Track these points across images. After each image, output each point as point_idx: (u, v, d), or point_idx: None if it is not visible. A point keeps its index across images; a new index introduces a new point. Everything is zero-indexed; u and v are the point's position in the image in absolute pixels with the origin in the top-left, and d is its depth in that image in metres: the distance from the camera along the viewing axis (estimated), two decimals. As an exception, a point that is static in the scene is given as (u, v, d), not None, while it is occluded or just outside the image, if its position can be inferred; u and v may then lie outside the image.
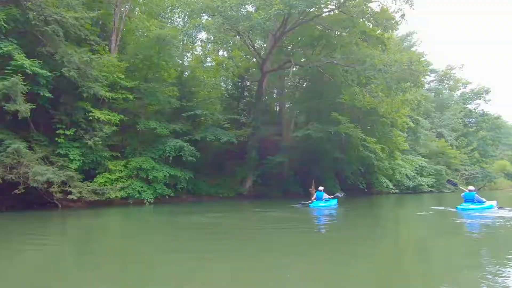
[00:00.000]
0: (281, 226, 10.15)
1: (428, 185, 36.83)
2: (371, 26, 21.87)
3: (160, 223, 12.05)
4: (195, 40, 31.24)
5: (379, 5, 20.78)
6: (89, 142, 14.98)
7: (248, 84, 32.05)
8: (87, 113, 15.49)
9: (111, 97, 16.31)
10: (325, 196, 15.95)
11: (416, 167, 35.44)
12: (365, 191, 27.56)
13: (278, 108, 32.28)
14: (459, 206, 13.34)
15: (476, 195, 13.28)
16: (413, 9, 18.67)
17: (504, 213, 12.54)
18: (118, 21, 19.24)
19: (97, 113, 15.46)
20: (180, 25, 27.61)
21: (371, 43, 21.47)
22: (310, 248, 6.85)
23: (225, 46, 26.66)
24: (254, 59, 29.17)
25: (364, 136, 23.68)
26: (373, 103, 22.53)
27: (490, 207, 13.37)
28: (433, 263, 5.80)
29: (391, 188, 30.00)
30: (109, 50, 18.53)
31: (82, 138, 15.20)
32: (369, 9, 21.23)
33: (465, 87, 55.70)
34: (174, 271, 5.19)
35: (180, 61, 27.97)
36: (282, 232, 8.95)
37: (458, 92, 55.87)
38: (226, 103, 29.12)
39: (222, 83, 33.79)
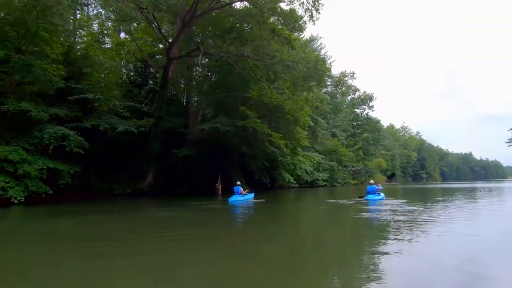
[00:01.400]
0: (178, 230, 8.23)
1: (323, 179, 40.45)
2: (280, 26, 22.53)
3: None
4: (88, 11, 27.28)
5: (287, 5, 21.48)
6: None
7: (152, 71, 29.58)
8: None
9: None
10: (242, 190, 16.15)
11: (314, 163, 38.44)
12: (269, 186, 28.38)
13: (185, 99, 30.67)
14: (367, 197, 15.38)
15: (376, 187, 15.86)
16: (319, 12, 19.76)
17: (394, 202, 14.70)
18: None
19: None
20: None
21: (279, 42, 22.04)
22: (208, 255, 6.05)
23: (126, 25, 23.74)
24: (161, 45, 26.99)
25: (270, 132, 24.23)
26: (280, 100, 23.20)
27: (383, 197, 15.85)
28: (329, 255, 5.66)
29: (293, 183, 31.74)
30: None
31: None
32: (279, 8, 21.80)
33: (354, 93, 63.43)
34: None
35: (72, 38, 23.93)
36: (177, 238, 6.95)
37: (349, 97, 63.26)
38: (127, 90, 26.14)
39: (123, 68, 30.49)
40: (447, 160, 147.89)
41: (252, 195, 17.16)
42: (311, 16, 19.17)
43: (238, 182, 16.71)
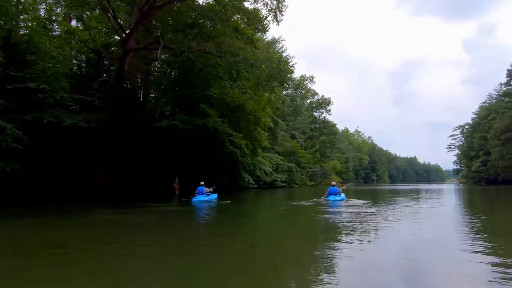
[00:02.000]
0: (131, 236, 7.10)
1: (282, 180, 40.91)
2: (243, 25, 22.29)
3: None
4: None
5: (251, 4, 21.33)
6: None
7: (106, 63, 27.71)
8: None
9: None
10: (206, 190, 15.93)
11: (273, 164, 38.72)
12: (228, 186, 27.95)
13: (142, 94, 29.18)
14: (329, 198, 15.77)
15: (338, 189, 16.35)
16: (283, 14, 19.86)
17: (355, 203, 15.20)
18: None
19: None
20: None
21: (242, 41, 21.78)
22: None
23: (78, 11, 21.95)
24: (117, 37, 25.38)
25: (231, 132, 23.84)
26: (242, 99, 22.93)
27: (344, 198, 16.31)
28: (287, 257, 5.50)
29: (252, 184, 31.59)
30: None
31: None
32: (243, 6, 21.57)
33: (313, 97, 65.26)
34: None
35: (14, 22, 21.52)
36: (130, 246, 5.98)
37: (308, 101, 64.94)
38: (77, 82, 24.13)
39: (73, 59, 28.17)
40: (395, 163, 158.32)
41: (215, 196, 16.94)
42: (275, 16, 19.18)
43: (202, 182, 16.32)
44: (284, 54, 45.83)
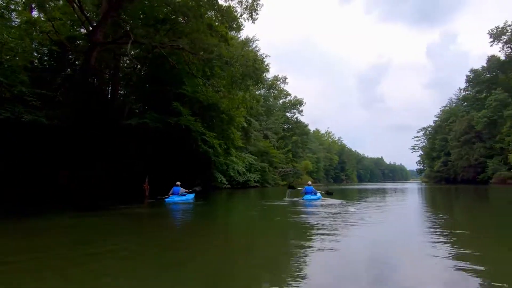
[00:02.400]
0: (94, 243, 6.32)
1: (254, 180, 40.84)
2: (217, 23, 21.92)
3: None
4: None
5: (226, 1, 21.02)
6: None
7: (71, 57, 26.21)
8: None
9: None
10: (182, 190, 15.73)
11: (246, 164, 38.55)
12: (201, 186, 27.32)
13: (110, 91, 27.89)
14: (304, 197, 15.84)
15: (313, 188, 16.42)
16: (258, 13, 19.72)
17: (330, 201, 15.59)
18: None
19: None
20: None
21: (216, 38, 21.39)
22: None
23: (40, 0, 20.52)
24: (83, 30, 24.08)
25: (204, 131, 23.38)
26: (215, 98, 22.52)
27: (319, 197, 16.38)
28: (261, 257, 5.37)
29: (225, 184, 31.21)
30: None
31: None
32: (217, 3, 21.20)
33: (285, 98, 65.87)
34: None
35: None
36: (96, 253, 5.32)
37: (281, 101, 65.46)
38: (38, 75, 22.57)
39: (35, 51, 26.33)
40: (363, 163, 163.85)
41: (192, 196, 16.59)
42: (251, 14, 19.01)
43: (178, 183, 16.00)
44: (259, 53, 46.09)
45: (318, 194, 16.44)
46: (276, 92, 63.84)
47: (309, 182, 17.60)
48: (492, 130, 58.81)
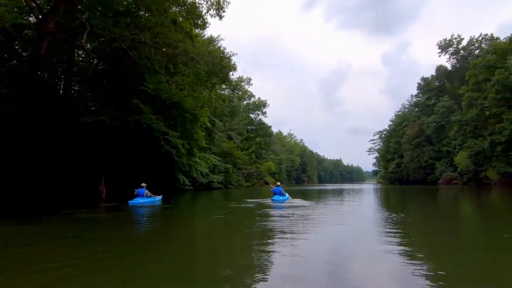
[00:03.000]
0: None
1: (218, 181, 40.13)
2: (181, 19, 21.12)
3: None
4: None
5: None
6: None
7: (17, 47, 23.83)
8: None
9: None
10: (147, 192, 15.18)
11: (210, 165, 37.76)
12: (163, 188, 26.15)
13: (62, 86, 25.80)
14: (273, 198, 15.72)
15: (282, 189, 16.41)
16: (224, 11, 19.28)
17: (297, 202, 15.86)
18: None
19: None
20: None
21: (180, 34, 20.57)
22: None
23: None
24: (32, 18, 22.02)
25: (166, 130, 22.39)
26: (179, 96, 21.65)
27: (288, 198, 16.51)
28: (223, 259, 5.21)
29: (188, 185, 30.25)
30: None
31: None
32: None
33: (249, 99, 65.86)
34: None
35: None
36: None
37: (245, 102, 65.31)
38: (-23, 66, 20.22)
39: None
40: (323, 165, 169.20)
41: (159, 198, 16.12)
42: (217, 11, 18.53)
43: (143, 184, 15.51)
44: (227, 51, 45.50)
45: (287, 195, 16.48)
46: (240, 93, 63.59)
47: (278, 183, 17.71)
48: (440, 134, 63.45)
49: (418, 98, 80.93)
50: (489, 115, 42.70)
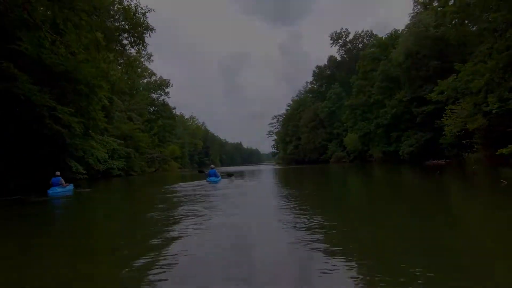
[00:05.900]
0: None
1: (118, 168, 35.21)
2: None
3: None
4: None
5: None
6: None
7: None
8: None
9: None
10: (62, 181, 14.46)
11: (109, 150, 32.61)
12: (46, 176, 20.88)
13: None
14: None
15: (216, 171, 18.15)
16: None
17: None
18: None
19: None
20: None
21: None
22: None
23: None
24: None
25: (54, 104, 17.53)
26: (71, 62, 17.03)
27: (220, 179, 18.29)
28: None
29: (82, 173, 25.16)
30: None
31: None
32: None
33: (150, 77, 59.91)
34: None
35: None
36: None
37: (145, 80, 59.11)
38: None
39: None
40: (225, 148, 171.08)
41: (71, 187, 15.33)
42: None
43: (58, 173, 14.82)
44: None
45: (219, 177, 18.40)
46: (140, 70, 57.09)
47: (212, 166, 19.87)
48: (332, 118, 70.59)
49: (312, 85, 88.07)
50: (374, 101, 49.10)
